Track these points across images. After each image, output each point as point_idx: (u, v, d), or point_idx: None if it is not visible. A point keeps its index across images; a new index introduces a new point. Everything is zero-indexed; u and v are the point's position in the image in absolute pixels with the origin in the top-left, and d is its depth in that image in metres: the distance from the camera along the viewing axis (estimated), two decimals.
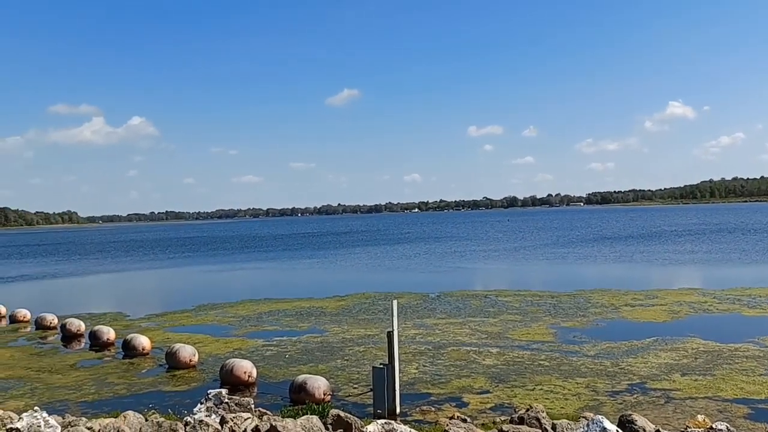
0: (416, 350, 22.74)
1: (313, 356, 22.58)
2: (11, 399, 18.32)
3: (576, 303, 32.63)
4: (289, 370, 20.57)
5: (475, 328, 26.80)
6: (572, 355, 21.21)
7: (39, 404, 16.00)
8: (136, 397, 18.11)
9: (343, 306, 34.62)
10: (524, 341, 23.78)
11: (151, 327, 29.82)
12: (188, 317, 33.24)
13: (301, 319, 30.78)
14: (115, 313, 35.58)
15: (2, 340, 28.69)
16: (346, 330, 27.44)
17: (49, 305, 36.47)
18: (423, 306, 33.52)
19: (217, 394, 14.40)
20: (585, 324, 27.02)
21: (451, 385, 18.14)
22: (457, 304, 33.63)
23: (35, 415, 11.96)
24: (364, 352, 22.81)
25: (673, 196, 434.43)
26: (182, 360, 21.44)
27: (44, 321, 31.37)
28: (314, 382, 16.92)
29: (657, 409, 15.20)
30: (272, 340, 25.72)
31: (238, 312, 33.93)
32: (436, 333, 26.00)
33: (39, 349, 26.36)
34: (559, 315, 29.33)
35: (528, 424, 12.59)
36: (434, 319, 29.49)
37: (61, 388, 19.50)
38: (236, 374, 19.03)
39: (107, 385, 19.82)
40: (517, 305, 32.51)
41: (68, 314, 32.55)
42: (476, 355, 21.61)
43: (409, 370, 19.70)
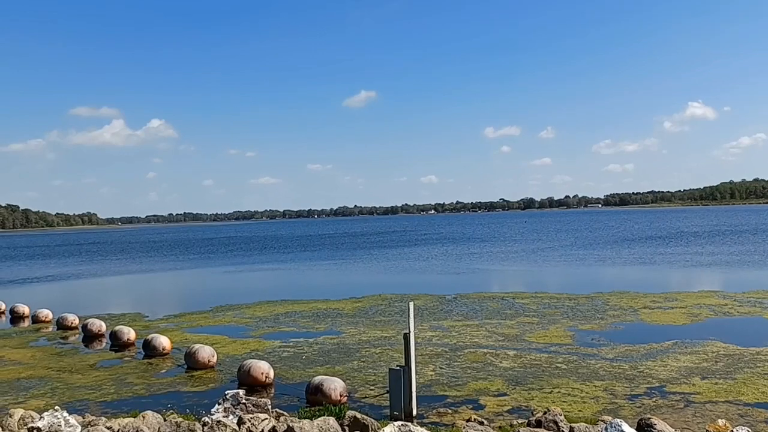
0: (433, 352, 22.70)
1: (330, 357, 22.63)
2: (32, 398, 18.57)
3: (594, 305, 32.39)
4: (305, 371, 20.63)
5: (492, 330, 26.70)
6: (590, 358, 21.06)
7: (59, 404, 16.21)
8: (155, 398, 18.27)
9: (360, 307, 34.66)
10: (542, 344, 23.64)
11: (170, 328, 30.06)
12: (206, 318, 33.47)
13: (317, 321, 30.87)
14: (134, 314, 35.93)
15: (24, 340, 29.09)
16: (362, 331, 27.47)
17: (70, 305, 36.93)
18: (439, 308, 33.46)
19: (234, 394, 14.49)
20: (603, 326, 26.81)
21: (468, 387, 18.08)
22: (473, 306, 33.53)
23: (56, 414, 12.12)
24: (380, 354, 22.82)
25: (692, 198, 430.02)
26: (201, 360, 21.60)
27: (65, 321, 31.77)
28: (331, 384, 16.95)
29: (677, 413, 15.03)
30: (289, 342, 25.82)
31: (255, 313, 34.11)
32: (453, 335, 25.93)
33: (60, 349, 26.69)
34: (576, 317, 29.13)
35: (545, 427, 12.52)
36: (451, 321, 29.43)
37: (81, 388, 19.72)
38: (253, 375, 19.13)
39: (126, 385, 20.01)
40: (535, 307, 32.34)
41: (89, 314, 32.95)
42: (493, 358, 21.52)
43: (426, 372, 19.67)
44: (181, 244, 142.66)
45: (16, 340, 29.09)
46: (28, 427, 11.86)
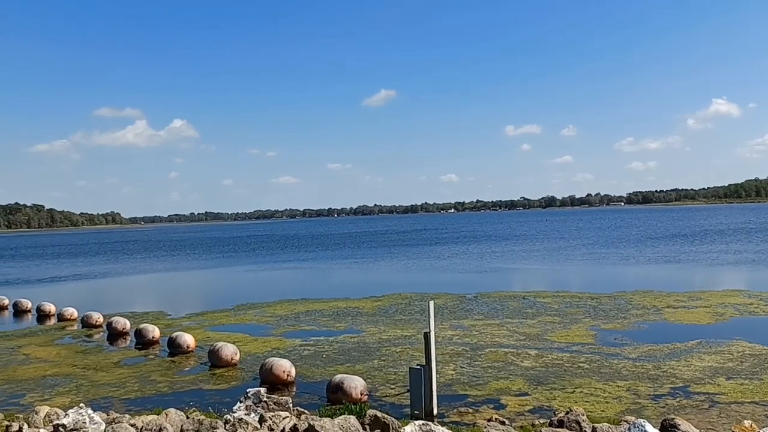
0: (453, 351, 22.63)
1: (350, 356, 22.67)
2: (58, 396, 18.86)
3: (616, 304, 32.05)
4: (326, 369, 20.69)
5: (513, 329, 26.56)
6: (613, 358, 20.85)
7: (84, 401, 16.45)
8: (177, 395, 18.46)
9: (380, 306, 34.68)
10: (563, 343, 23.46)
11: (192, 326, 30.32)
12: (227, 316, 33.72)
13: (337, 319, 30.94)
14: (157, 312, 36.32)
15: (50, 338, 29.55)
16: (382, 330, 27.48)
17: (95, 304, 37.48)
18: (460, 307, 33.35)
19: (256, 392, 14.58)
20: (626, 326, 26.53)
21: (489, 386, 18.01)
22: (494, 305, 33.37)
23: (80, 411, 12.28)
24: (400, 353, 22.81)
25: (717, 196, 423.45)
26: (224, 358, 21.79)
27: (90, 319, 32.21)
28: (351, 382, 16.99)
29: (701, 414, 14.83)
30: (309, 340, 25.92)
31: (276, 312, 34.29)
32: (474, 334, 25.84)
33: (85, 347, 27.07)
34: (599, 317, 28.86)
35: (568, 427, 12.43)
36: (471, 320, 29.32)
37: (106, 386, 19.98)
38: (275, 373, 19.24)
39: (150, 382, 20.24)
40: (556, 307, 32.10)
41: (113, 313, 33.37)
42: (514, 357, 21.41)
43: (447, 371, 19.63)
44: (203, 244, 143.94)
45: (42, 338, 29.56)
46: (54, 424, 12.04)
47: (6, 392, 19.61)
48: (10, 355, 25.59)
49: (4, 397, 18.98)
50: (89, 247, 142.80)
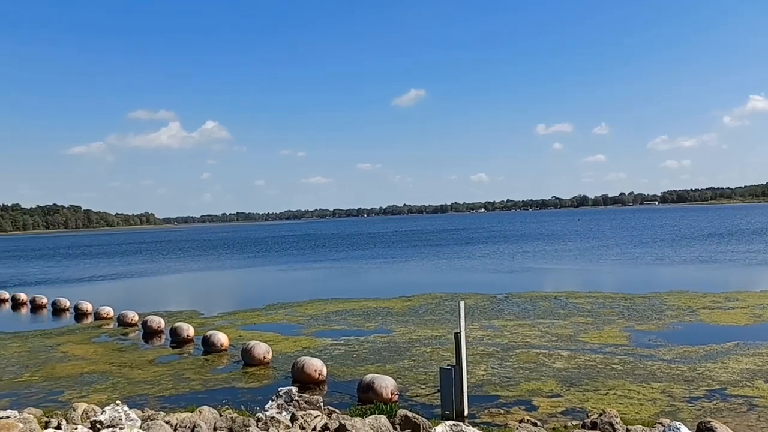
0: (484, 352, 22.52)
1: (380, 356, 22.71)
2: (95, 393, 19.28)
3: (651, 305, 31.53)
4: (356, 369, 20.77)
5: (544, 330, 26.31)
6: (647, 359, 20.52)
7: (120, 398, 16.76)
8: (211, 393, 18.71)
9: (410, 306, 34.67)
10: (596, 344, 23.17)
11: (225, 325, 30.69)
12: (259, 316, 34.06)
13: (367, 319, 31.02)
14: (190, 311, 36.84)
15: (87, 336, 30.20)
16: (412, 330, 27.47)
17: (130, 303, 38.19)
18: (490, 307, 33.16)
19: (287, 391, 14.71)
20: (660, 327, 26.08)
21: (521, 387, 17.88)
22: (525, 306, 33.10)
23: (117, 408, 12.53)
24: (431, 353, 22.77)
25: (754, 194, 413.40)
26: (257, 357, 22.04)
27: (126, 318, 32.83)
28: (382, 382, 17.02)
29: (738, 417, 14.51)
30: (340, 340, 26.03)
31: (306, 311, 34.51)
32: (505, 335, 25.67)
33: (120, 345, 27.60)
34: (633, 317, 28.42)
35: (601, 429, 12.28)
36: (502, 320, 29.13)
37: (141, 383, 20.36)
38: (307, 372, 19.38)
39: (184, 380, 20.55)
40: (589, 307, 31.71)
41: (147, 312, 33.96)
42: (546, 358, 21.21)
43: (477, 372, 19.54)
44: (235, 244, 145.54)
45: (80, 336, 30.22)
46: (91, 421, 12.30)
47: (45, 389, 20.11)
48: (49, 352, 26.22)
49: (43, 394, 19.46)
50: (124, 247, 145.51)
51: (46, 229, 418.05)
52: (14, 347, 27.70)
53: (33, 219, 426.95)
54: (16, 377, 21.93)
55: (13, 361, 24.64)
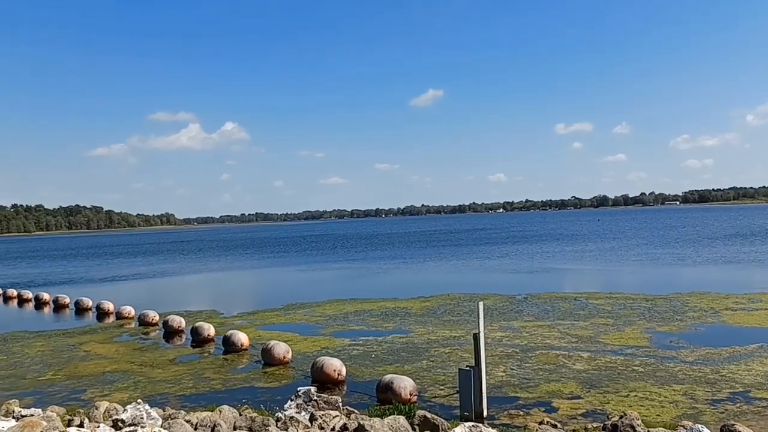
0: (503, 353, 22.42)
1: (399, 356, 22.70)
2: (116, 391, 19.50)
3: (672, 306, 31.17)
4: (375, 369, 20.78)
5: (564, 331, 26.12)
6: (669, 361, 20.29)
7: (141, 397, 16.94)
8: (230, 393, 18.84)
9: (428, 307, 34.61)
10: (617, 346, 22.95)
11: (244, 325, 30.86)
12: (278, 316, 34.22)
13: (386, 320, 31.02)
14: (210, 311, 37.12)
15: (109, 336, 30.56)
16: (431, 331, 27.42)
17: (150, 302, 38.56)
18: (509, 308, 33.00)
19: (306, 391, 14.76)
20: (682, 328, 25.77)
21: (540, 389, 17.77)
22: (545, 307, 32.89)
23: (138, 407, 12.66)
24: (449, 354, 22.72)
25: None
26: (277, 357, 22.15)
27: (146, 317, 33.17)
28: (400, 382, 17.01)
29: (763, 420, 14.28)
30: (358, 340, 26.06)
31: (325, 311, 34.61)
32: (524, 336, 25.52)
33: (141, 345, 27.89)
34: (654, 319, 28.12)
35: (622, 431, 12.16)
36: (521, 321, 28.98)
37: (162, 382, 20.55)
38: (326, 372, 19.44)
39: (204, 380, 20.71)
40: (609, 308, 31.43)
41: (168, 311, 34.27)
42: (566, 360, 21.06)
43: (496, 373, 19.45)
44: (254, 244, 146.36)
45: (102, 336, 30.59)
46: (113, 419, 12.44)
47: (68, 388, 20.38)
48: (72, 351, 26.57)
49: (66, 393, 19.73)
50: (145, 248, 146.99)
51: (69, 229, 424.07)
52: (38, 346, 28.12)
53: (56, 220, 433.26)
54: (39, 376, 22.26)
55: (37, 360, 25.02)
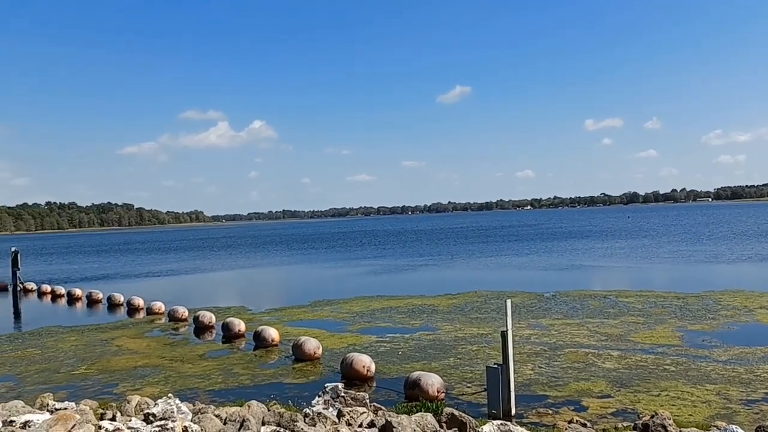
0: (531, 351, 22.24)
1: (426, 354, 22.67)
2: (148, 386, 19.80)
3: (705, 305, 30.61)
4: (402, 366, 20.77)
5: (593, 329, 25.82)
6: (701, 360, 19.93)
7: (172, 391, 17.18)
8: (259, 388, 18.99)
9: (455, 304, 34.49)
10: (648, 344, 22.61)
11: (272, 321, 31.09)
12: (305, 312, 34.41)
13: (413, 317, 30.99)
14: (238, 307, 37.48)
15: (140, 331, 31.05)
16: (458, 328, 27.32)
17: (180, 298, 39.10)
18: (537, 306, 32.73)
19: (333, 387, 14.82)
20: (715, 327, 25.28)
21: (569, 387, 17.59)
22: (574, 305, 32.55)
23: (169, 401, 12.83)
24: (477, 351, 22.61)
25: None
26: (307, 352, 22.31)
27: (176, 313, 33.63)
28: (428, 379, 16.99)
29: None
30: (385, 337, 26.08)
31: (351, 308, 34.70)
32: (552, 334, 25.29)
33: (172, 340, 28.27)
34: (686, 317, 27.64)
35: (653, 431, 11.98)
36: (550, 319, 28.71)
37: (191, 377, 20.81)
38: (356, 368, 19.50)
39: (233, 375, 20.92)
40: (640, 306, 30.98)
41: (197, 307, 34.66)
42: (595, 358, 20.81)
43: (525, 371, 19.30)
44: (282, 241, 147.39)
45: (133, 331, 31.08)
46: (145, 413, 12.63)
47: (100, 382, 20.76)
48: (104, 346, 27.06)
49: (99, 386, 20.09)
50: (175, 244, 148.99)
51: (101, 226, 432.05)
52: (71, 341, 28.69)
53: (88, 217, 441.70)
54: (72, 370, 22.71)
55: (70, 354, 25.53)
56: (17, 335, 31.47)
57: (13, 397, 17.56)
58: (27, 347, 27.51)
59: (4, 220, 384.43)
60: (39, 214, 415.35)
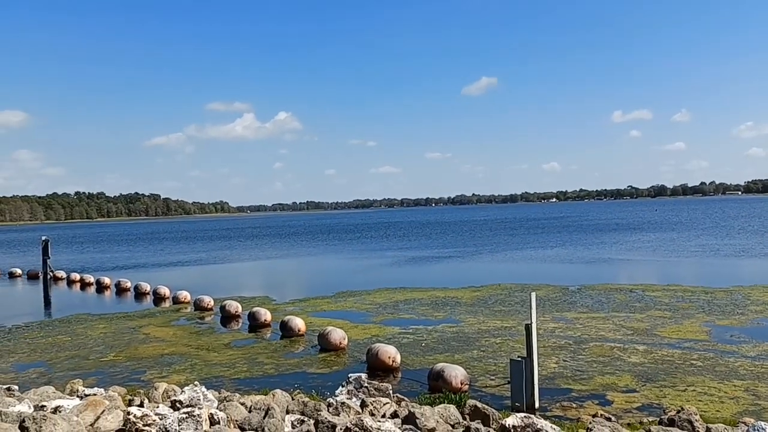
0: (556, 344, 22.11)
1: (449, 346, 22.66)
2: (174, 373, 20.11)
3: (733, 299, 30.12)
4: (425, 358, 20.80)
5: (619, 323, 25.57)
6: (729, 356, 19.63)
7: (197, 379, 17.41)
8: (283, 377, 19.18)
9: (479, 297, 34.39)
10: (674, 339, 22.33)
11: (295, 311, 31.31)
12: (328, 303, 34.58)
13: (436, 309, 30.98)
14: (263, 297, 37.81)
15: (167, 319, 31.49)
16: (481, 321, 27.25)
17: (205, 288, 39.51)
18: (562, 299, 32.49)
19: (357, 378, 14.90)
20: (743, 322, 24.87)
21: (594, 381, 17.46)
22: (599, 298, 32.25)
23: (195, 389, 13.02)
24: (500, 344, 22.54)
25: None
26: (333, 342, 22.49)
27: (202, 302, 34.04)
28: (452, 371, 17.00)
29: None
30: (408, 328, 26.12)
31: (375, 300, 34.79)
32: (577, 327, 25.10)
33: (198, 329, 28.64)
34: (713, 312, 27.23)
35: (679, 426, 11.85)
36: (575, 312, 28.50)
37: (217, 365, 21.08)
38: (381, 358, 19.60)
39: (257, 364, 21.15)
40: (667, 301, 30.59)
41: (222, 297, 35.03)
42: (621, 352, 20.62)
43: (549, 365, 19.20)
44: (306, 232, 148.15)
45: (160, 319, 31.55)
46: (171, 400, 12.83)
47: (129, 369, 21.13)
48: (132, 334, 27.51)
49: (127, 373, 20.46)
50: (201, 234, 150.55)
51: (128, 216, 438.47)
52: (100, 328, 29.22)
53: (116, 207, 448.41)
54: (101, 357, 23.15)
55: (99, 342, 26.01)
56: (48, 322, 32.14)
57: (44, 382, 17.99)
58: (57, 334, 28.10)
59: (35, 210, 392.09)
60: (68, 204, 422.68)
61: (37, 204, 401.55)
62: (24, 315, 34.68)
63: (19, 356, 23.72)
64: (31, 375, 20.56)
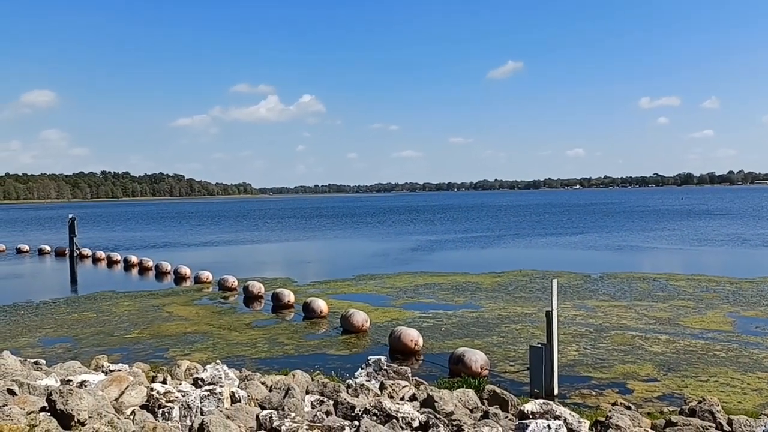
0: (576, 332, 22.00)
1: (469, 331, 22.67)
2: (196, 352, 20.40)
3: (759, 291, 29.67)
4: (444, 342, 20.85)
5: (641, 312, 25.34)
6: (753, 347, 19.38)
7: (219, 358, 17.66)
8: (303, 358, 19.37)
9: (499, 282, 34.29)
10: (697, 329, 22.09)
11: (317, 293, 31.50)
12: (349, 286, 34.74)
13: (456, 294, 30.97)
14: (284, 279, 38.09)
15: (190, 299, 31.90)
16: (502, 307, 27.20)
17: (227, 268, 39.86)
18: (584, 287, 32.27)
19: (376, 360, 14.98)
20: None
21: (614, 370, 17.37)
22: (621, 287, 31.98)
23: (217, 367, 13.20)
24: (520, 330, 22.50)
25: None
26: (356, 324, 22.65)
27: (226, 282, 34.40)
28: (472, 356, 17.02)
29: None
30: (428, 313, 26.17)
31: (395, 283, 34.86)
32: (598, 315, 24.94)
33: (220, 308, 28.99)
34: (738, 303, 26.85)
35: (700, 417, 11.74)
36: (596, 300, 28.30)
37: (238, 345, 21.35)
38: (404, 341, 19.72)
39: (278, 344, 21.37)
40: (690, 290, 30.23)
41: (244, 277, 35.33)
42: (642, 341, 20.46)
43: (569, 352, 19.13)
44: (328, 214, 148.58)
45: (183, 298, 31.97)
46: (194, 378, 13.03)
47: (152, 346, 21.49)
48: (155, 312, 27.94)
49: (151, 350, 20.82)
50: (224, 215, 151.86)
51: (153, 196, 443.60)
52: (125, 306, 29.71)
53: (141, 187, 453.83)
54: (126, 334, 23.56)
55: (124, 319, 26.47)
56: (74, 299, 32.77)
57: (70, 357, 18.36)
58: (83, 311, 28.65)
59: (62, 188, 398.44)
60: (95, 183, 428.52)
61: (64, 182, 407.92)
62: (51, 291, 35.42)
63: (46, 331, 24.25)
64: (57, 350, 21.03)
